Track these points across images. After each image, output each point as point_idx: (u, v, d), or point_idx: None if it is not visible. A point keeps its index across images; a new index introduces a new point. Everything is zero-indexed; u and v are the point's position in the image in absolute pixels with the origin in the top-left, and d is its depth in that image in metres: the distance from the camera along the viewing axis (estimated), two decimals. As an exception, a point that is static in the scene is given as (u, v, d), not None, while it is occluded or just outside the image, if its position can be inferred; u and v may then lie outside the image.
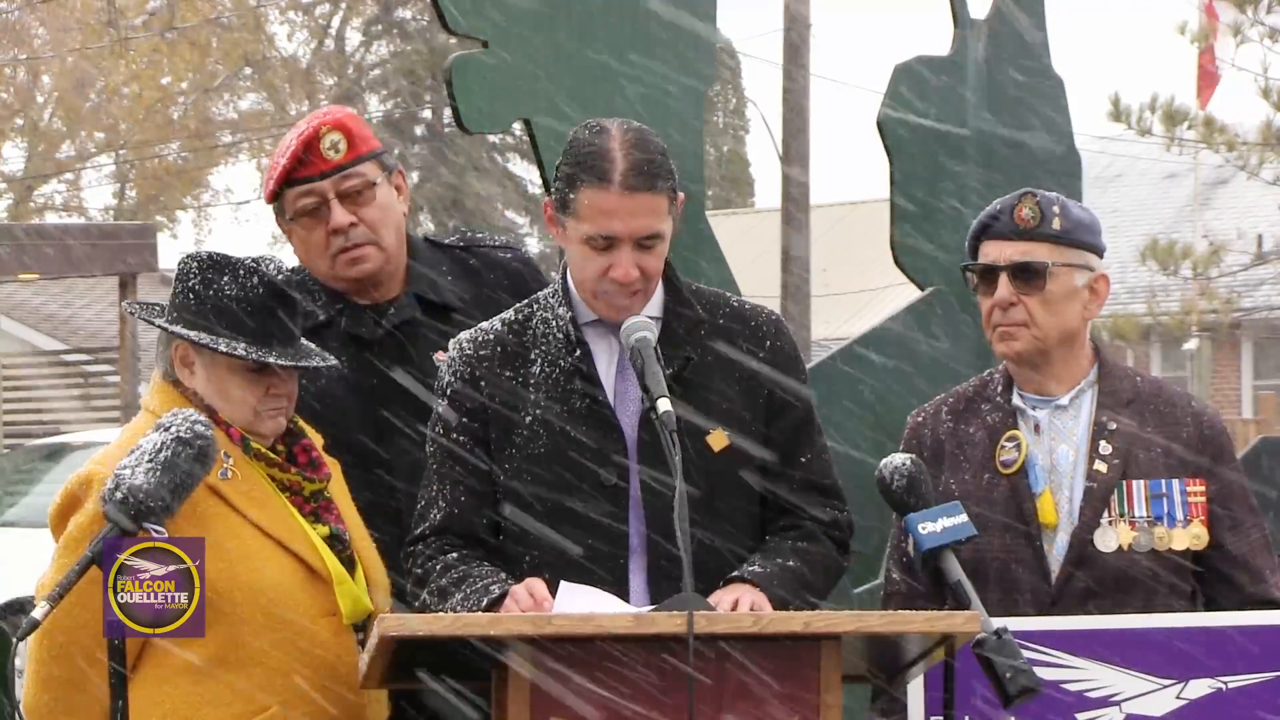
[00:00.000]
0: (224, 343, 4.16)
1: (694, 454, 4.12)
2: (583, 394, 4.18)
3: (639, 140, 4.15)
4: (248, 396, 4.21)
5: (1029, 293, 4.47)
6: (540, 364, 4.22)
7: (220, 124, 40.71)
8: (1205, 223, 27.89)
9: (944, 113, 6.44)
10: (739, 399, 4.22)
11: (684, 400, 4.13)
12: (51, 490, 16.87)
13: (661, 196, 4.13)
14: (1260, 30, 18.91)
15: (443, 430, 4.26)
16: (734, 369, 4.23)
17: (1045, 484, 4.45)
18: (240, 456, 4.19)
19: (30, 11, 34.35)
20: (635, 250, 4.11)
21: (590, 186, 4.10)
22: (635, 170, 4.10)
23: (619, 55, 5.84)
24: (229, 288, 4.20)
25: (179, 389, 4.25)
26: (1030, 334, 4.48)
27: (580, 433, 4.16)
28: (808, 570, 4.16)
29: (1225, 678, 4.25)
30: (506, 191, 44.04)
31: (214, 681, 4.08)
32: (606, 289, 4.14)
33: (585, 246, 4.13)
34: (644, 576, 4.13)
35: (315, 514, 4.27)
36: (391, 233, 4.71)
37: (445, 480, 4.24)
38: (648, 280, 4.17)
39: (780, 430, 4.24)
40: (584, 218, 4.11)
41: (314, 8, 43.46)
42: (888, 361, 6.30)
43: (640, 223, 4.11)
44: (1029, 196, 4.51)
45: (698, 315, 4.26)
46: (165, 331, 4.26)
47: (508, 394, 4.22)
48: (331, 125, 4.67)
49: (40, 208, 38.56)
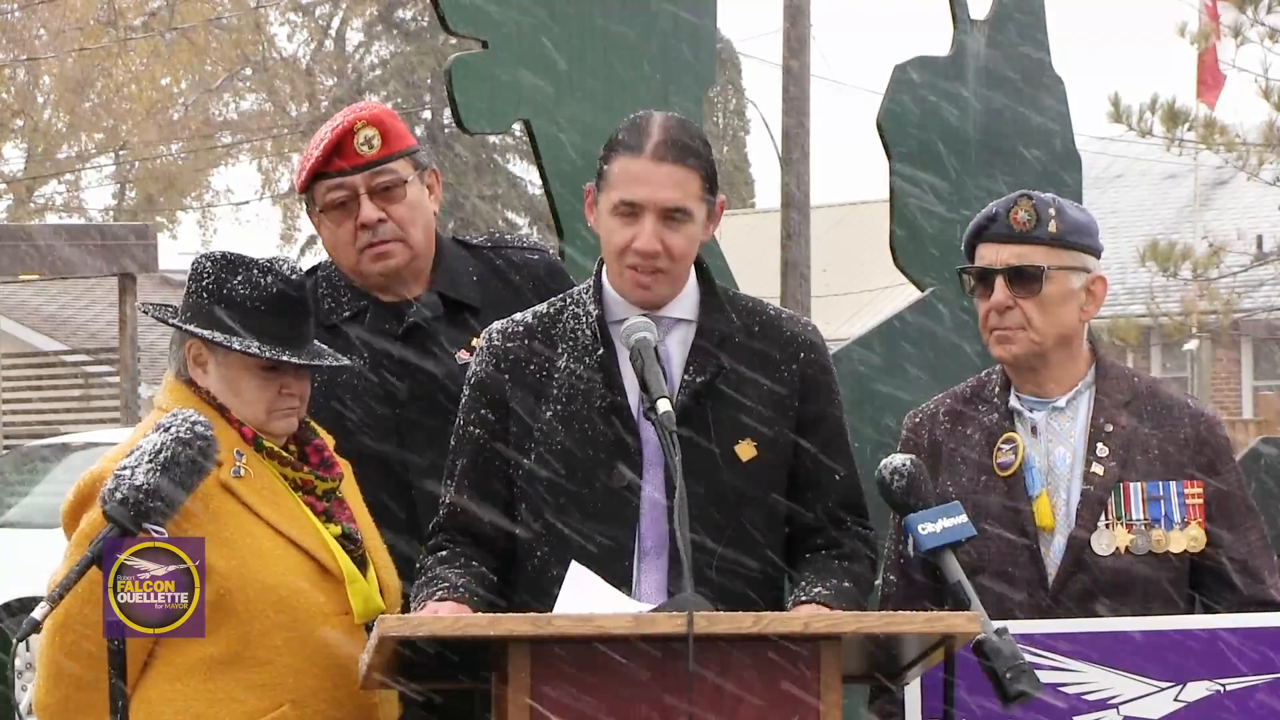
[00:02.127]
0: (238, 341, 4.18)
1: (722, 463, 4.13)
2: (604, 393, 4.18)
3: (680, 123, 4.19)
4: (261, 395, 4.22)
5: (1025, 296, 4.47)
6: (566, 359, 4.23)
7: (220, 124, 40.72)
8: (1205, 223, 27.87)
9: (944, 113, 6.45)
10: (770, 410, 4.21)
11: (714, 409, 4.14)
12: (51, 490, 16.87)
13: (692, 172, 4.13)
14: (1260, 30, 18.90)
15: (462, 421, 4.27)
16: (766, 379, 4.22)
17: (1042, 486, 4.45)
18: (253, 455, 4.20)
19: (30, 12, 34.33)
20: (660, 222, 4.12)
21: (622, 156, 4.14)
22: (668, 142, 4.12)
23: (619, 55, 5.85)
24: (243, 287, 4.21)
25: (192, 388, 4.26)
26: (1027, 337, 4.47)
27: (597, 431, 4.17)
28: (859, 592, 4.17)
29: (1223, 680, 4.25)
30: (506, 192, 44.05)
31: (226, 680, 4.09)
32: (630, 262, 4.14)
33: (612, 218, 4.14)
34: (659, 578, 4.12)
35: (328, 513, 4.28)
36: (420, 231, 4.74)
37: (457, 473, 4.26)
38: (673, 260, 4.15)
39: (811, 444, 4.24)
40: (613, 186, 4.14)
41: (314, 8, 43.47)
42: (887, 362, 6.30)
43: (665, 193, 4.11)
44: (1025, 199, 4.51)
45: (733, 323, 4.25)
46: (179, 330, 4.27)
47: (531, 387, 4.22)
48: (367, 120, 4.70)
49: (40, 208, 38.56)
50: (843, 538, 4.24)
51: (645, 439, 4.16)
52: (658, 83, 5.92)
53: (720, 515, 4.10)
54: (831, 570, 4.17)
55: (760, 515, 4.19)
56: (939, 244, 6.35)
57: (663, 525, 4.13)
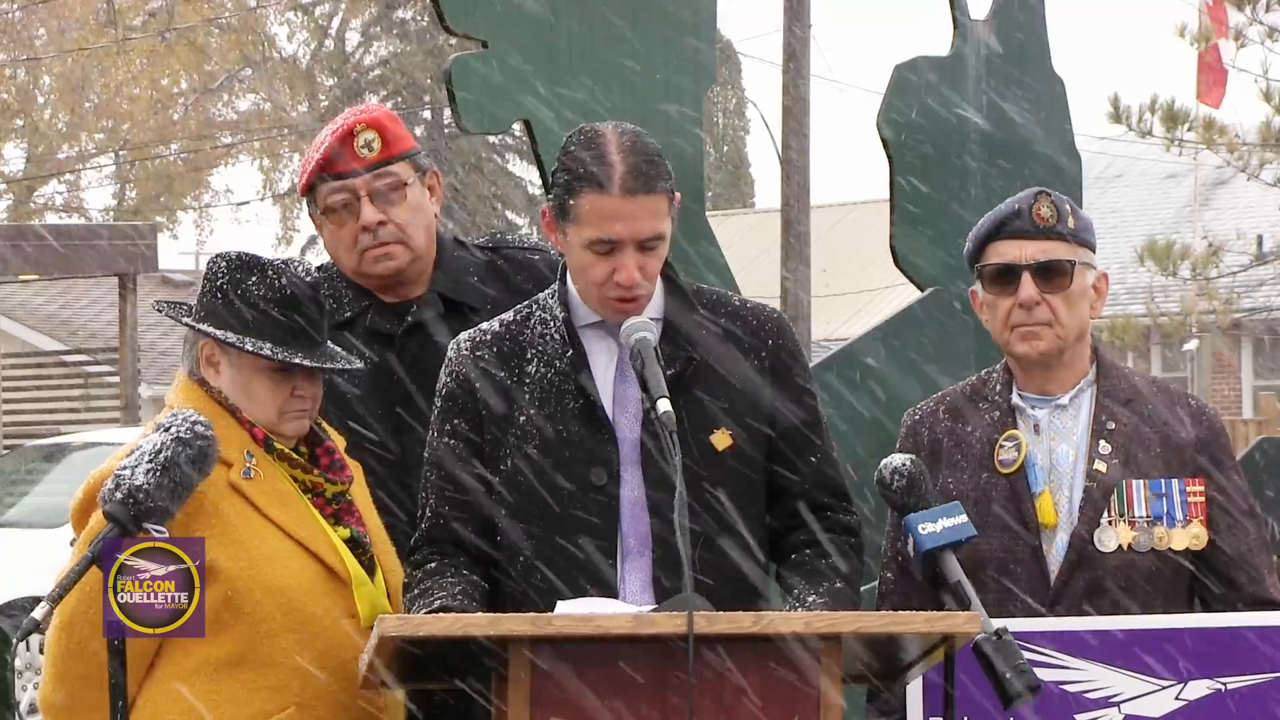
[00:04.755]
0: (250, 342, 4.17)
1: (697, 454, 4.12)
2: (576, 395, 4.18)
3: (635, 143, 4.14)
4: (273, 397, 4.22)
5: (1052, 291, 4.45)
6: (536, 364, 4.23)
7: (220, 124, 40.73)
8: (1205, 223, 27.87)
9: (944, 113, 6.45)
10: (742, 399, 4.21)
11: (686, 400, 4.14)
12: (51, 490, 16.89)
13: (661, 197, 4.12)
14: (1260, 30, 18.90)
15: (436, 433, 4.27)
16: (736, 369, 4.22)
17: (1045, 484, 4.45)
18: (263, 456, 4.20)
19: (30, 12, 34.33)
20: (638, 252, 4.12)
21: (589, 192, 4.09)
22: (633, 173, 4.09)
23: (619, 55, 5.85)
24: (257, 288, 4.21)
25: (204, 388, 4.25)
26: (1054, 333, 4.46)
27: (572, 433, 4.16)
28: (851, 587, 4.17)
29: (1224, 678, 4.25)
30: (506, 192, 44.05)
31: (232, 681, 4.09)
32: (612, 294, 4.14)
33: (587, 252, 4.13)
34: (644, 576, 4.13)
35: (336, 516, 4.27)
36: (421, 232, 4.75)
37: (434, 487, 4.26)
38: (651, 281, 4.17)
39: (785, 431, 4.24)
40: (585, 223, 4.11)
41: (314, 8, 43.46)
42: (888, 362, 6.30)
43: (642, 225, 4.11)
44: (1045, 195, 4.50)
45: (699, 315, 4.25)
46: (192, 329, 4.27)
47: (502, 394, 4.22)
48: (367, 123, 4.71)
49: (40, 208, 38.57)
50: (826, 530, 4.23)
51: (621, 438, 4.16)
52: (658, 82, 5.91)
53: (698, 506, 4.09)
54: (821, 573, 4.16)
55: (739, 503, 4.18)
56: (939, 244, 6.34)
57: (644, 524, 4.13)
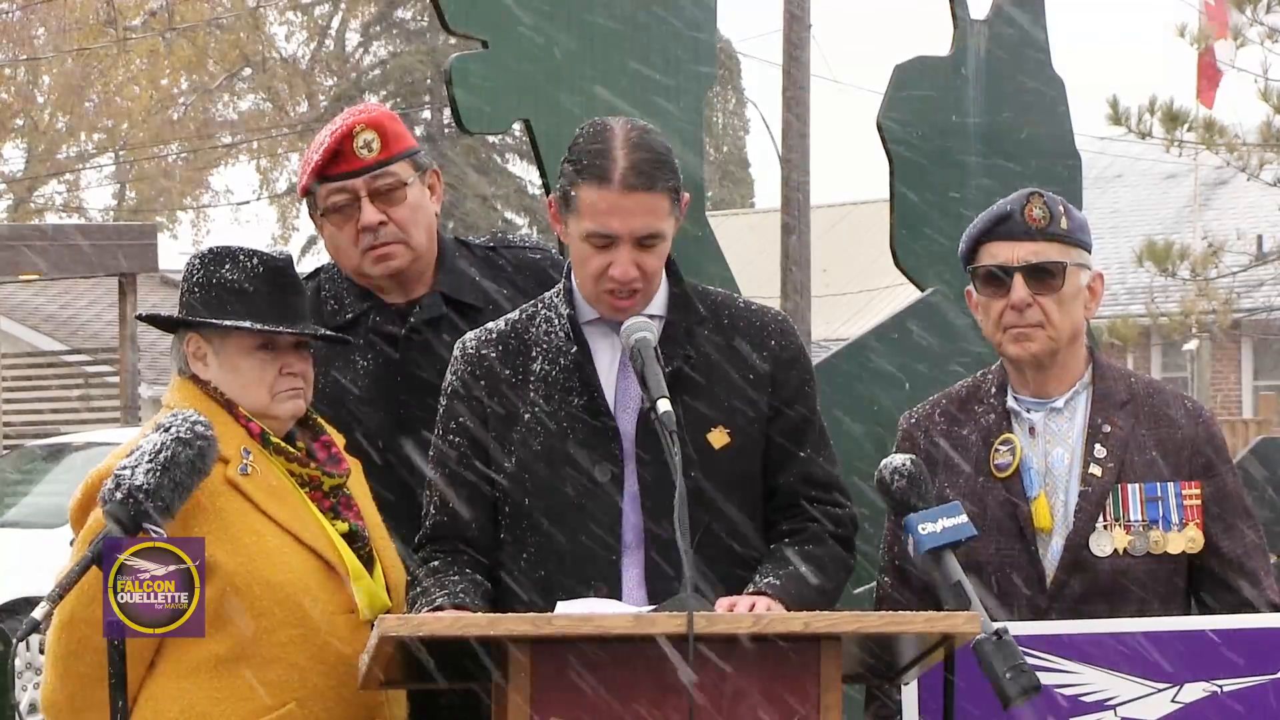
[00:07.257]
0: (230, 320, 4.19)
1: (694, 451, 4.13)
2: (580, 391, 4.19)
3: (641, 139, 4.16)
4: (262, 376, 4.24)
5: (1044, 293, 4.45)
6: (540, 361, 4.24)
7: (220, 124, 40.72)
8: (1205, 223, 27.87)
9: (944, 113, 6.45)
10: (740, 398, 4.22)
11: (685, 398, 4.15)
12: (51, 490, 16.87)
13: (662, 196, 4.13)
14: (1260, 30, 18.90)
15: (441, 432, 4.29)
16: (736, 368, 4.23)
17: (1040, 488, 4.44)
18: (260, 452, 4.21)
19: (30, 11, 34.32)
20: (635, 249, 4.12)
21: (590, 185, 4.12)
22: (635, 169, 4.10)
23: (618, 55, 5.85)
24: (230, 273, 4.24)
25: (197, 384, 4.27)
26: (1046, 335, 4.45)
27: (576, 429, 4.18)
28: (818, 575, 4.16)
29: (1220, 681, 4.25)
30: (506, 192, 44.04)
31: (231, 677, 4.10)
32: (606, 287, 4.15)
33: (585, 244, 4.15)
34: (639, 572, 4.14)
35: (334, 510, 4.29)
36: (421, 232, 4.75)
37: (439, 484, 4.28)
38: (647, 280, 4.17)
39: (782, 430, 4.24)
40: (584, 215, 4.13)
41: (313, 8, 43.45)
42: (888, 362, 6.30)
43: (639, 222, 4.11)
44: (1037, 196, 4.50)
45: (700, 315, 4.26)
46: (171, 325, 4.28)
47: (507, 392, 4.24)
48: (366, 124, 4.71)
49: (40, 208, 38.56)
50: (808, 521, 4.23)
51: (624, 434, 4.17)
52: (658, 82, 5.92)
53: (696, 502, 4.09)
54: (787, 558, 4.16)
55: (736, 500, 4.19)
56: (939, 244, 6.34)
57: (639, 520, 4.14)
